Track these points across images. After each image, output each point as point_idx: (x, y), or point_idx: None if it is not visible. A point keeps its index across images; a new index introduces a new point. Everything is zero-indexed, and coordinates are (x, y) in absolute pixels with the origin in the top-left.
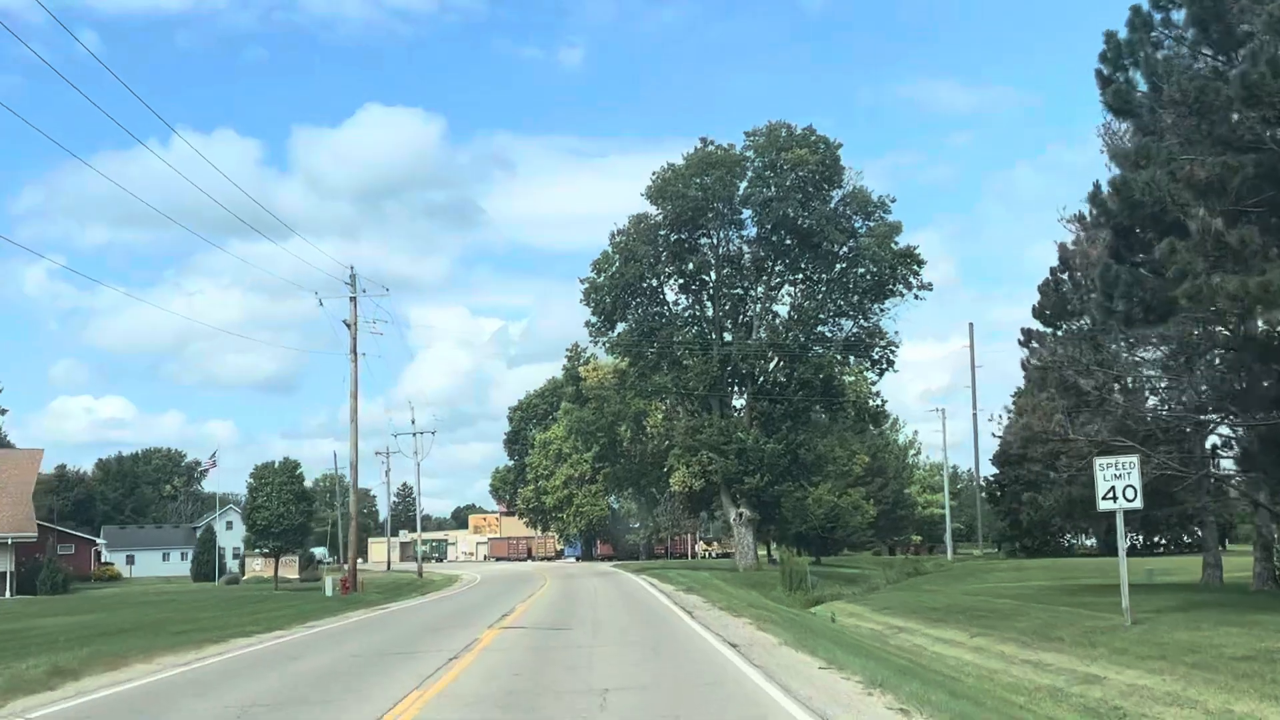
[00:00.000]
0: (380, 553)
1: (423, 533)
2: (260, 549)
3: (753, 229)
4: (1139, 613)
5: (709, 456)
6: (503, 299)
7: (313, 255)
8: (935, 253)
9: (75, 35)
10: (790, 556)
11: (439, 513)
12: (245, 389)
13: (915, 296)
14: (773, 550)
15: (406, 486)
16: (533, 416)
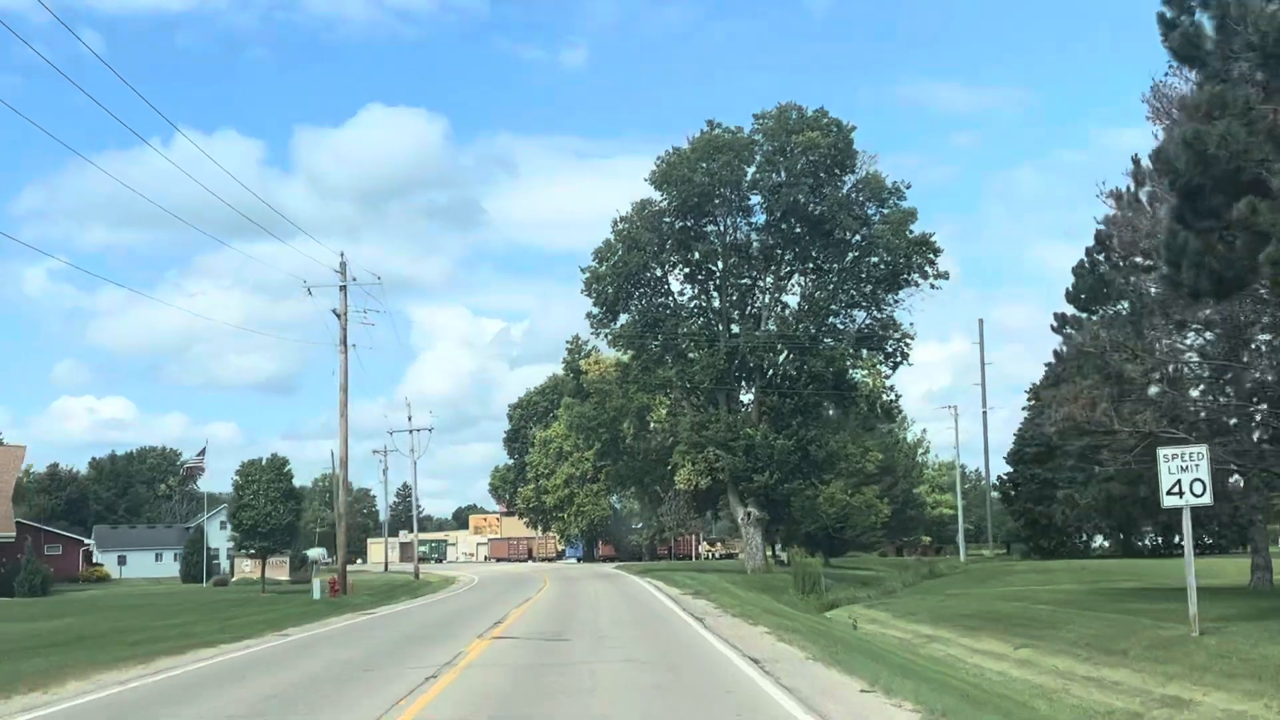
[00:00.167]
0: (379, 553)
1: (423, 533)
2: (247, 549)
3: (761, 216)
4: (1202, 621)
5: (715, 453)
6: (504, 300)
7: (316, 253)
8: None
9: (77, 35)
10: (802, 558)
11: (440, 513)
12: (247, 390)
13: (931, 286)
14: (779, 551)
15: (406, 487)
16: (533, 414)
